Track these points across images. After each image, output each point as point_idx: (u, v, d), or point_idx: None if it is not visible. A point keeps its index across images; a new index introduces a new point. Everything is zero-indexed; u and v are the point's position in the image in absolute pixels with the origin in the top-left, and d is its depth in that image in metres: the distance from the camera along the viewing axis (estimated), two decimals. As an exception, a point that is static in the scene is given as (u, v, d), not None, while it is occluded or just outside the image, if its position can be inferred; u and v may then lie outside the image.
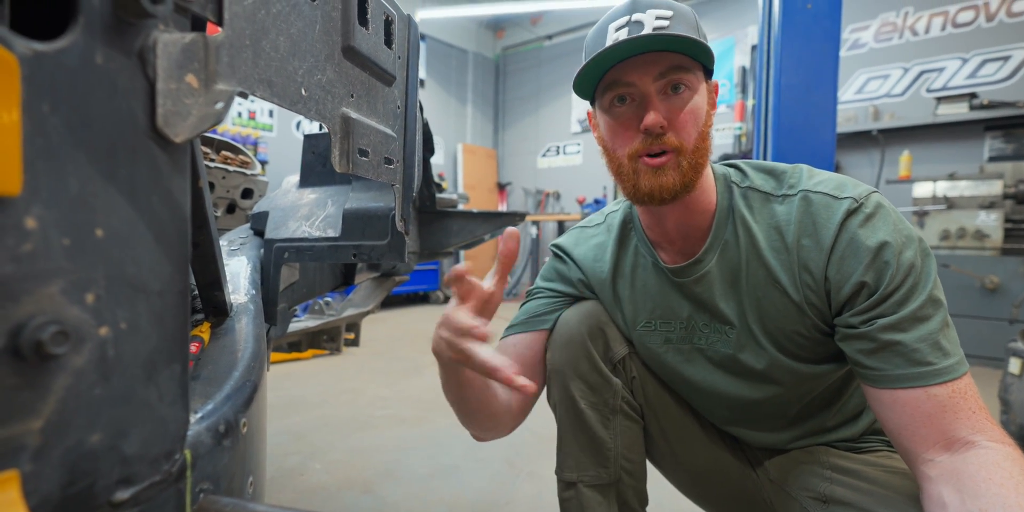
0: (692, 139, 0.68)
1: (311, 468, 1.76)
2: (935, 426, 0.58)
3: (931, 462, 0.58)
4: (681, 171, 0.68)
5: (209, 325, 0.56)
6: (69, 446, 0.29)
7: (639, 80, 0.67)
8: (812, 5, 1.82)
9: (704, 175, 0.73)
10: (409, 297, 6.17)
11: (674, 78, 0.66)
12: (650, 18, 0.65)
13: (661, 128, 0.66)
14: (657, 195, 0.69)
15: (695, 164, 0.69)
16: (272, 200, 0.90)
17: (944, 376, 0.59)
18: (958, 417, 0.58)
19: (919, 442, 0.59)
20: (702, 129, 0.69)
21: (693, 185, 0.70)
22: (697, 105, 0.68)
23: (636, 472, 0.85)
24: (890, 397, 0.61)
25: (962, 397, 0.58)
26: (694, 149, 0.68)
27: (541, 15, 7.00)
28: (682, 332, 0.81)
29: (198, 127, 0.34)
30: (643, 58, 0.66)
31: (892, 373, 0.61)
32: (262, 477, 0.52)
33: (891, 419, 0.62)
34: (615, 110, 0.70)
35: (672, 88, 0.67)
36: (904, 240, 0.63)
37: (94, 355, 0.30)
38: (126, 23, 0.30)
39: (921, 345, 0.60)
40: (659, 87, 0.67)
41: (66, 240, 0.28)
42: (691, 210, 0.74)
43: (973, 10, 4.18)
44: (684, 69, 0.67)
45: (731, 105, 5.56)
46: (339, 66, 0.52)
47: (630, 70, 0.67)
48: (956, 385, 0.59)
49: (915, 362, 0.60)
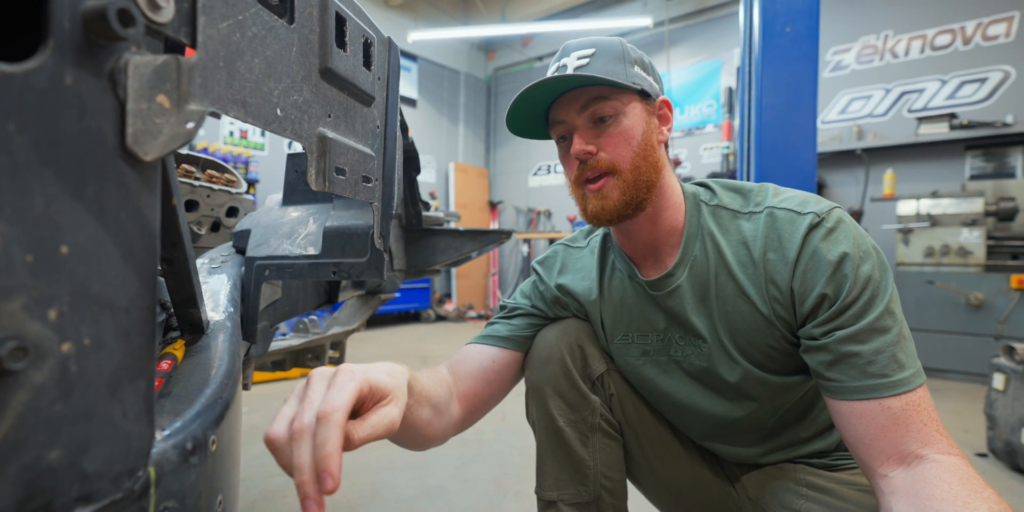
0: (627, 158, 0.72)
1: (294, 490, 1.73)
2: (889, 439, 0.59)
3: (886, 478, 0.59)
4: (620, 190, 0.72)
5: (183, 342, 0.56)
6: (26, 463, 0.29)
7: (566, 116, 0.75)
8: (791, 28, 1.87)
9: (665, 191, 0.76)
10: (399, 316, 6.14)
11: (595, 109, 0.73)
12: (572, 60, 0.74)
13: (587, 154, 0.72)
14: (603, 217, 0.74)
15: (635, 182, 0.72)
16: (254, 218, 0.91)
17: (898, 388, 0.60)
18: (909, 430, 0.59)
19: (875, 456, 0.60)
20: (640, 148, 0.73)
21: (640, 203, 0.73)
22: (626, 127, 0.73)
23: (616, 490, 0.85)
24: (848, 409, 0.62)
25: (915, 409, 0.59)
26: (632, 167, 0.72)
27: (532, 37, 7.14)
28: (659, 344, 0.81)
29: (168, 146, 0.35)
30: (567, 96, 0.74)
31: (849, 385, 0.62)
32: (233, 496, 0.52)
33: (849, 431, 0.63)
34: (560, 146, 0.79)
35: (599, 118, 0.73)
36: (863, 254, 0.65)
37: (55, 371, 0.30)
38: (97, 45, 0.31)
39: (877, 357, 0.61)
40: (584, 118, 0.74)
41: (29, 256, 0.28)
42: (659, 227, 0.77)
43: (950, 33, 4.32)
44: (603, 98, 0.72)
45: (719, 125, 5.67)
46: (316, 87, 0.53)
47: (559, 108, 0.75)
48: (910, 397, 0.60)
49: (871, 374, 0.61)
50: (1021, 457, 1.90)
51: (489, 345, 0.86)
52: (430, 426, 0.72)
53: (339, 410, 0.45)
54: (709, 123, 5.78)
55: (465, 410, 0.80)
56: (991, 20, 4.16)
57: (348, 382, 0.49)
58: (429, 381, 0.72)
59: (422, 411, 0.69)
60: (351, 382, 0.49)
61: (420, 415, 0.68)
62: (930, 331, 3.39)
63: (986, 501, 0.51)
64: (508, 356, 0.86)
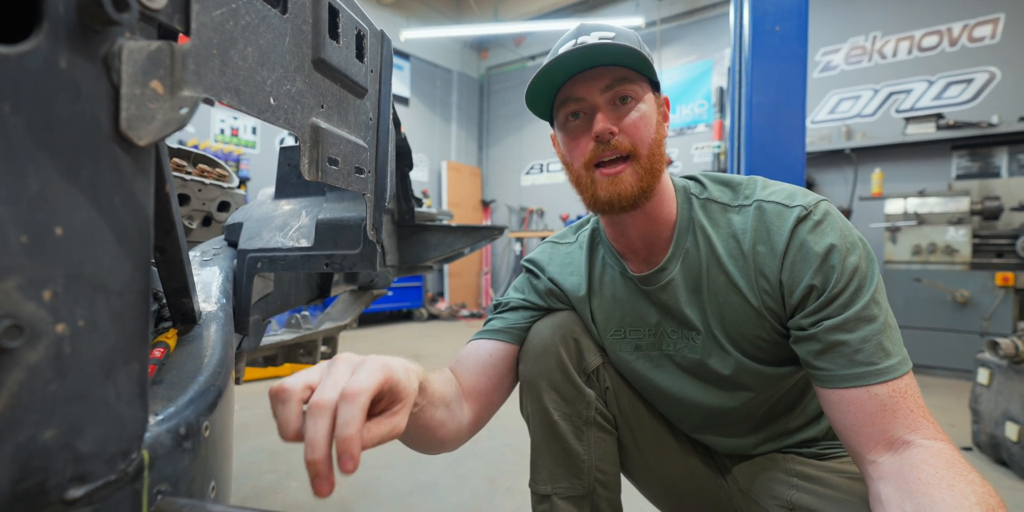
0: (646, 144, 0.71)
1: (287, 486, 1.72)
2: (876, 426, 0.60)
3: (874, 464, 0.60)
4: (638, 176, 0.71)
5: (176, 331, 0.56)
6: (21, 442, 0.29)
7: (587, 93, 0.71)
8: (780, 28, 1.89)
9: (663, 184, 0.76)
10: (392, 314, 6.13)
11: (620, 89, 0.71)
12: (594, 39, 0.70)
13: (611, 134, 0.70)
14: (616, 203, 0.72)
15: (651, 170, 0.72)
16: (246, 211, 0.90)
17: (885, 376, 0.61)
18: (896, 417, 0.60)
19: (863, 443, 0.61)
20: (655, 137, 0.72)
21: (651, 191, 0.72)
22: (645, 113, 0.72)
23: (610, 484, 0.85)
24: (836, 397, 0.64)
25: (902, 396, 0.61)
26: (649, 154, 0.71)
27: (524, 36, 7.15)
28: (651, 339, 0.82)
29: (162, 131, 0.35)
30: (590, 73, 0.71)
31: (838, 373, 0.63)
32: (226, 484, 0.52)
33: (838, 419, 0.64)
34: (570, 125, 0.75)
35: (620, 99, 0.71)
36: (849, 245, 0.66)
37: (50, 351, 0.30)
38: (91, 30, 0.32)
39: (864, 345, 0.62)
40: (607, 99, 0.71)
41: (24, 237, 0.29)
42: (652, 221, 0.77)
43: (937, 35, 4.37)
44: (628, 80, 0.71)
45: (710, 124, 5.70)
46: (309, 77, 0.53)
47: (579, 85, 0.72)
48: (897, 384, 0.61)
49: (858, 362, 0.62)
50: (1005, 450, 1.93)
51: (487, 339, 0.86)
52: (443, 427, 0.70)
53: (365, 392, 0.43)
54: (700, 123, 5.82)
55: (474, 409, 0.79)
56: (977, 22, 4.21)
57: (377, 371, 0.46)
58: (439, 383, 0.71)
59: (436, 412, 0.67)
60: (379, 371, 0.46)
61: (434, 416, 0.66)
62: (917, 328, 3.43)
63: (971, 484, 0.52)
64: (506, 349, 0.85)
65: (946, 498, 0.51)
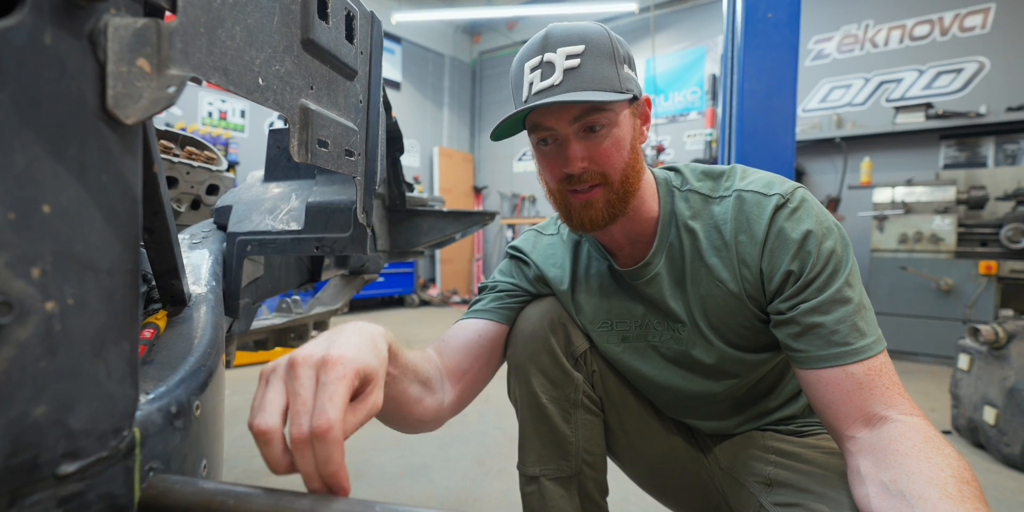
0: (618, 169, 0.72)
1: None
2: (854, 403, 0.62)
3: (852, 439, 0.62)
4: (609, 202, 0.72)
5: (165, 313, 0.56)
6: (12, 417, 0.29)
7: (556, 124, 0.70)
8: (772, 14, 1.89)
9: (643, 186, 0.76)
10: (383, 300, 6.13)
11: (589, 120, 0.69)
12: (560, 59, 0.68)
13: (582, 170, 0.70)
14: (589, 226, 0.74)
15: (624, 192, 0.72)
16: (236, 194, 0.90)
17: (860, 355, 0.63)
18: (873, 394, 0.62)
19: (842, 420, 0.63)
20: (629, 157, 0.72)
21: (625, 209, 0.74)
22: (618, 137, 0.71)
23: (597, 464, 0.87)
24: (815, 377, 0.65)
25: (877, 374, 0.62)
26: (622, 179, 0.72)
27: (517, 21, 7.06)
28: (638, 330, 0.83)
29: (149, 109, 0.35)
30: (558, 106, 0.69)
31: (815, 354, 0.65)
32: (218, 461, 0.53)
33: (817, 398, 0.66)
34: (541, 148, 0.74)
35: (589, 128, 0.70)
36: (825, 231, 0.68)
37: (40, 329, 0.30)
38: (76, 6, 0.31)
39: (840, 327, 0.64)
40: (576, 129, 0.70)
41: (11, 214, 0.29)
42: (634, 221, 0.78)
43: (928, 24, 4.37)
44: (597, 110, 0.69)
45: (702, 112, 5.69)
46: (298, 58, 0.53)
47: (547, 116, 0.70)
48: (872, 363, 0.63)
49: (834, 343, 0.64)
50: (983, 433, 1.98)
51: (475, 319, 0.86)
52: (420, 404, 0.69)
53: (335, 426, 0.40)
54: (693, 110, 5.81)
55: (457, 388, 0.79)
56: (968, 11, 4.22)
57: (340, 382, 0.42)
58: (416, 357, 0.69)
59: (409, 386, 0.65)
60: (342, 382, 0.42)
61: (406, 389, 0.65)
62: (902, 316, 3.49)
63: (947, 457, 0.54)
64: (494, 329, 0.85)
65: (923, 469, 0.53)
